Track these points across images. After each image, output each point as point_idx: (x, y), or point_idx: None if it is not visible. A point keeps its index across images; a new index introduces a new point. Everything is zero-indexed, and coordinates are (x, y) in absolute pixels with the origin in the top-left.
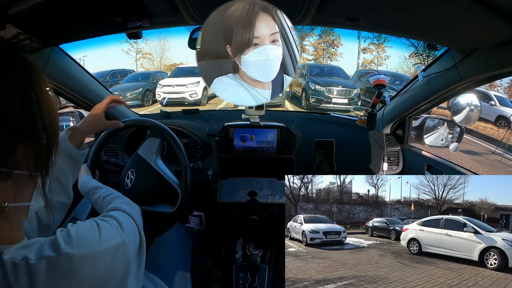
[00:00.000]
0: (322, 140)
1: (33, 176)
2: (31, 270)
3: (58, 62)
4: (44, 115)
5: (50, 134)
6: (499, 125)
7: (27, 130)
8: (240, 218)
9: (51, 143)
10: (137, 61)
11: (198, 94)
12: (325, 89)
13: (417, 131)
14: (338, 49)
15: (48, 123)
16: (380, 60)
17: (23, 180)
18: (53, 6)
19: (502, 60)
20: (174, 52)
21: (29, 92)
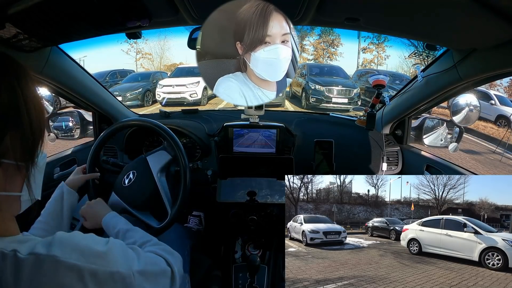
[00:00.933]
0: (321, 140)
1: (20, 166)
2: (18, 263)
3: (57, 62)
4: (30, 107)
5: (35, 125)
6: (499, 124)
7: (13, 119)
8: (239, 218)
9: (37, 134)
10: (137, 61)
11: (198, 94)
12: (325, 88)
13: (417, 131)
14: (338, 48)
15: (33, 114)
16: (380, 60)
17: (12, 170)
18: (53, 6)
19: (501, 61)
20: (174, 52)
21: (15, 84)
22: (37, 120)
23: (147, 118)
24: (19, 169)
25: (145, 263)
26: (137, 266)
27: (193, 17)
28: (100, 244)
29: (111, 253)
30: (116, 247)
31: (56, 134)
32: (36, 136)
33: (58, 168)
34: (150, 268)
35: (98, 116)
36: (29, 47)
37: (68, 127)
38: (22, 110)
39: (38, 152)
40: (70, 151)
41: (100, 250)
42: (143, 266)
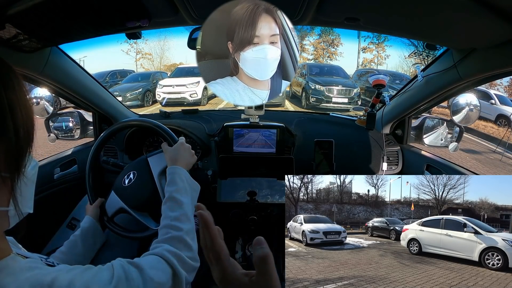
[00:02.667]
0: (321, 140)
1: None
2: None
3: (57, 63)
4: (16, 112)
5: (22, 132)
6: (499, 124)
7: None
8: (239, 218)
9: (23, 142)
10: (137, 62)
11: (198, 94)
12: (325, 88)
13: (417, 131)
14: (338, 48)
15: (20, 120)
16: (380, 60)
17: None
18: (52, 6)
19: (501, 60)
20: (174, 52)
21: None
22: (25, 126)
23: (147, 118)
24: (4, 181)
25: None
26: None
27: (193, 17)
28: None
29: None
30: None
31: (56, 135)
32: (23, 144)
33: (58, 168)
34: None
35: (98, 116)
36: (29, 48)
37: (68, 127)
38: (6, 115)
39: (26, 162)
40: (70, 152)
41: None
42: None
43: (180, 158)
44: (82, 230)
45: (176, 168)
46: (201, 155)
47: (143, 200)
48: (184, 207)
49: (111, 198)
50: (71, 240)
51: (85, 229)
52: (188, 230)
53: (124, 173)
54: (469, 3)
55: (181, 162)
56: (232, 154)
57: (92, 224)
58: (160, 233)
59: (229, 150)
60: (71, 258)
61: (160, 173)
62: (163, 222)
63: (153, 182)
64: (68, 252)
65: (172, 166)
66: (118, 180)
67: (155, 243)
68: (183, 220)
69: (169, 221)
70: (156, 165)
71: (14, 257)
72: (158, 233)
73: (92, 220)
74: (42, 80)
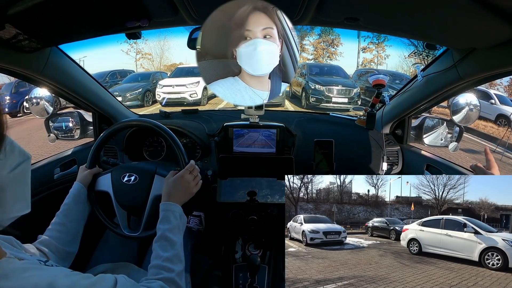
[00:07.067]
0: (321, 140)
1: None
2: None
3: (57, 63)
4: None
5: None
6: (499, 123)
7: None
8: (239, 218)
9: None
10: (137, 62)
11: (198, 94)
12: (325, 88)
13: (417, 131)
14: (337, 48)
15: None
16: (380, 59)
17: None
18: (52, 6)
19: (501, 60)
20: (174, 52)
21: None
22: None
23: (147, 118)
24: None
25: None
26: None
27: (193, 17)
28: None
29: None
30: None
31: (56, 135)
32: None
33: (58, 168)
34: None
35: (98, 116)
36: (29, 48)
37: (68, 127)
38: None
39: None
40: (70, 152)
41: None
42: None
43: (176, 194)
44: (74, 196)
45: (171, 204)
46: (201, 155)
47: (129, 204)
48: (176, 247)
49: (106, 177)
50: (64, 209)
51: (76, 195)
52: (179, 272)
53: (130, 170)
54: (469, 3)
55: (176, 198)
56: (232, 154)
57: (82, 190)
58: (151, 272)
59: (229, 150)
60: (69, 226)
61: (156, 196)
62: (154, 262)
63: (146, 198)
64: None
65: (166, 202)
66: (119, 172)
67: (144, 280)
68: (174, 262)
69: (160, 262)
70: (158, 187)
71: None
72: (148, 272)
73: (82, 186)
74: (42, 80)
